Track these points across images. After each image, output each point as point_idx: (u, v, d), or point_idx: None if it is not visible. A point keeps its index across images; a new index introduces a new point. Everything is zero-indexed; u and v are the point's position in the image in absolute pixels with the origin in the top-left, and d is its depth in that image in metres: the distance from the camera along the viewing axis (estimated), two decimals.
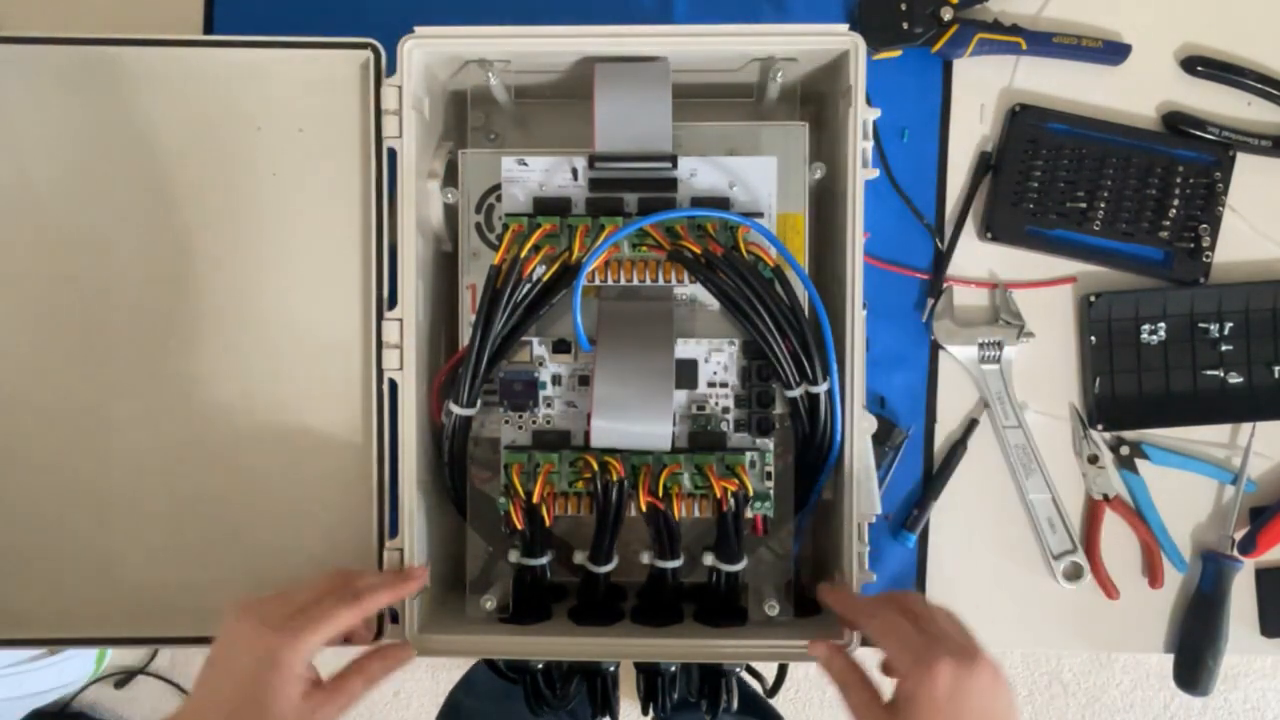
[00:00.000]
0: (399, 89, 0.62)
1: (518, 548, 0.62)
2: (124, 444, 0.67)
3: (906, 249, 0.78)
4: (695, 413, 0.64)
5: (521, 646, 0.61)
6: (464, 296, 0.66)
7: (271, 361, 0.67)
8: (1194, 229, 0.76)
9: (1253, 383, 0.77)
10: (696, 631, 0.62)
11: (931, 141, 0.78)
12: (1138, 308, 0.77)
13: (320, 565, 0.66)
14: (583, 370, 0.64)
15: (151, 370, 0.67)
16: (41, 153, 0.66)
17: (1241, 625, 0.77)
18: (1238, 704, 1.55)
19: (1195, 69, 0.77)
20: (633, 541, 0.65)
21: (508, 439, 0.64)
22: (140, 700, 1.52)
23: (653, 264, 0.62)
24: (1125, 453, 0.77)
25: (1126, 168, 0.76)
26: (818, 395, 0.60)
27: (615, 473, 0.60)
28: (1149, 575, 0.77)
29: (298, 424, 0.67)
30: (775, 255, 0.61)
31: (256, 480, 0.67)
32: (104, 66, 0.65)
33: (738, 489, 0.60)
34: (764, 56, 0.64)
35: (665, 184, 0.62)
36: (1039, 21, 0.78)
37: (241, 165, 0.66)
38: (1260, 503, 0.78)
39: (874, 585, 0.76)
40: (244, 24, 0.78)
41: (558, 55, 0.64)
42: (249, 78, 0.66)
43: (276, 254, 0.67)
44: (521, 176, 0.63)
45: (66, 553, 0.67)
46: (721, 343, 0.63)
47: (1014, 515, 0.78)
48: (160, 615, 0.66)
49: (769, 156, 0.63)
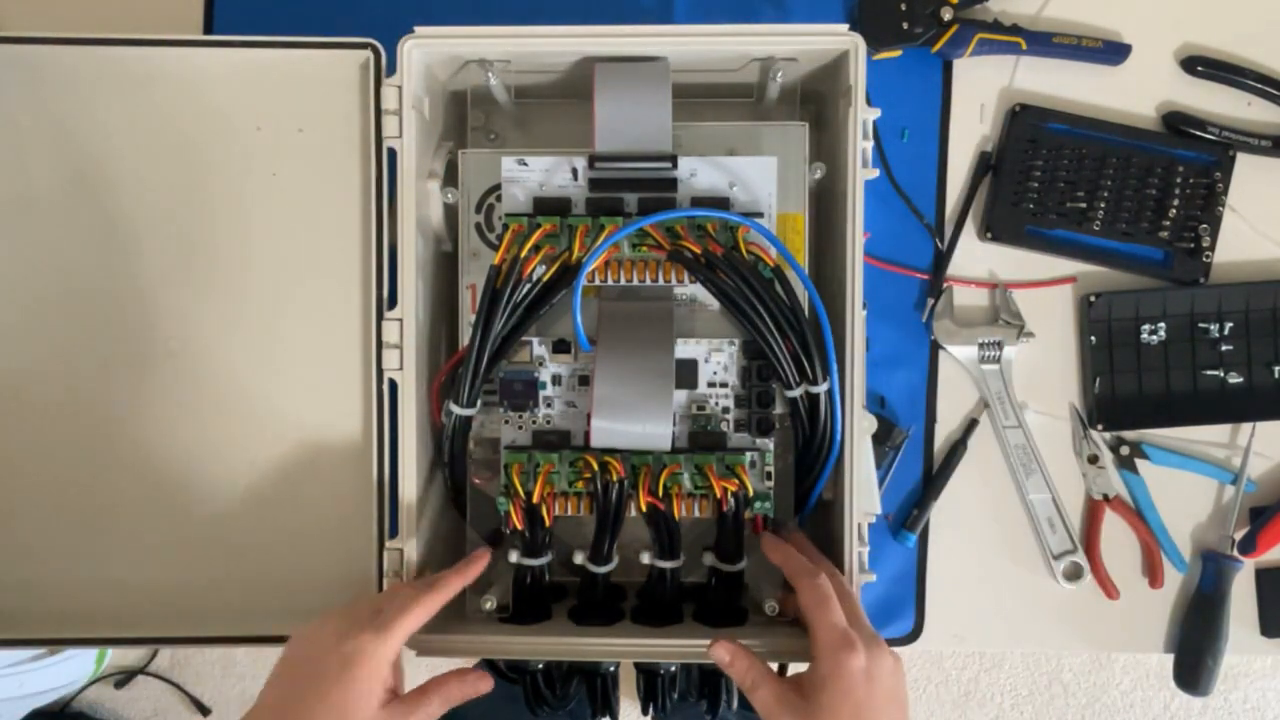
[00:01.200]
0: (399, 89, 0.62)
1: (518, 548, 0.62)
2: (124, 444, 0.67)
3: (906, 249, 0.78)
4: (695, 413, 0.64)
5: (521, 646, 0.61)
6: (464, 296, 0.66)
7: (271, 361, 0.67)
8: (1194, 229, 0.76)
9: (1253, 383, 0.77)
10: (696, 631, 0.62)
11: (931, 141, 0.78)
12: (1138, 308, 0.77)
13: (320, 565, 0.66)
14: (583, 370, 0.64)
15: (151, 369, 0.67)
16: (42, 153, 0.66)
17: (1241, 625, 0.77)
18: (1238, 704, 1.55)
19: (1195, 69, 0.77)
20: (633, 541, 0.65)
21: (508, 439, 0.64)
22: (140, 700, 1.52)
23: (653, 264, 0.62)
24: (1125, 453, 0.77)
25: (1126, 168, 0.76)
26: (818, 395, 0.60)
27: (615, 473, 0.60)
28: (1149, 575, 0.77)
29: (297, 424, 0.67)
30: (775, 255, 0.61)
31: (256, 480, 0.67)
32: (104, 66, 0.66)
33: (738, 489, 0.60)
34: (764, 56, 0.64)
35: (665, 184, 0.62)
36: (1039, 21, 0.78)
37: (241, 165, 0.66)
38: (1260, 503, 0.78)
39: (874, 585, 0.76)
40: (244, 24, 0.78)
41: (558, 55, 0.64)
42: (249, 78, 0.66)
43: (276, 254, 0.67)
44: (521, 176, 0.63)
45: (66, 553, 0.67)
46: (721, 343, 0.63)
47: (1014, 515, 0.78)
48: (160, 615, 0.66)
49: (769, 156, 0.63)
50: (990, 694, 1.55)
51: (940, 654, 1.55)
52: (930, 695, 1.55)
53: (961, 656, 1.55)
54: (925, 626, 0.78)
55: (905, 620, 0.78)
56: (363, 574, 0.65)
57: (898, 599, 0.78)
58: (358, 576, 0.65)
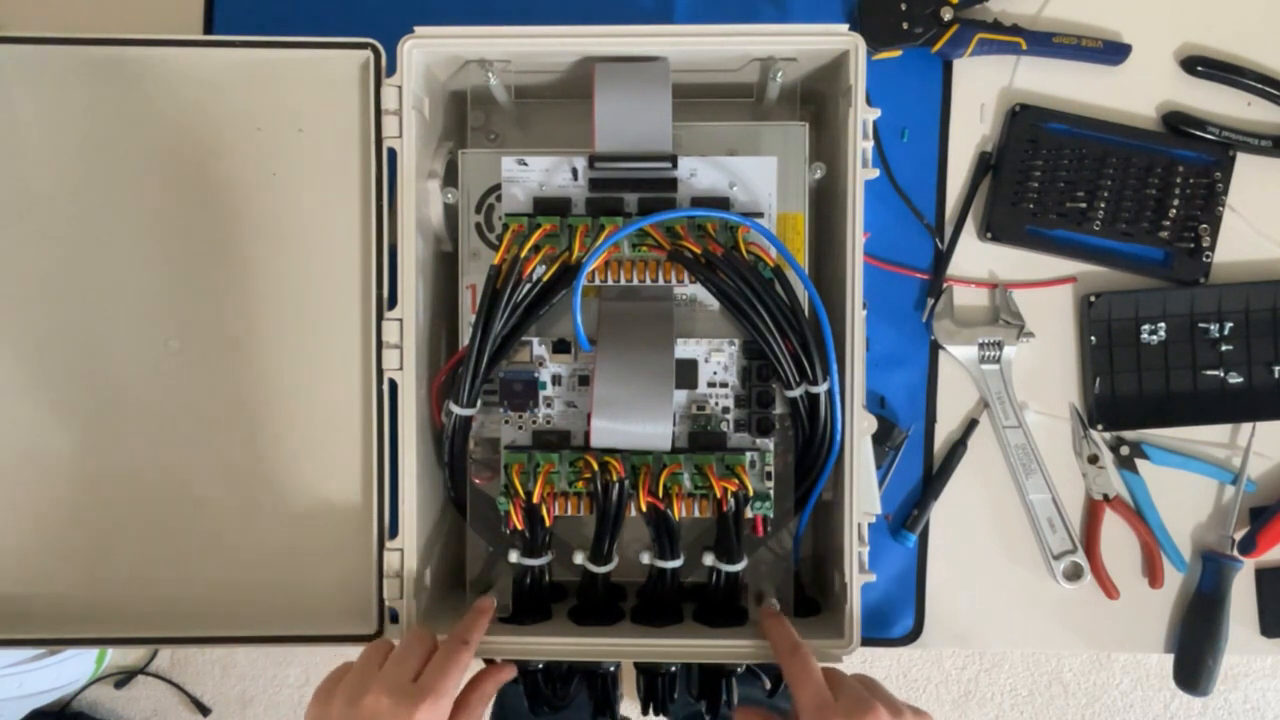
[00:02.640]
0: (399, 89, 0.62)
1: (518, 548, 0.62)
2: (123, 444, 0.67)
3: (906, 249, 0.78)
4: (695, 413, 0.64)
5: (521, 647, 0.61)
6: (464, 296, 0.66)
7: (271, 361, 0.67)
8: (1194, 229, 0.76)
9: (1253, 383, 0.77)
10: (696, 631, 0.62)
11: (931, 141, 0.78)
12: (1138, 308, 0.77)
13: (320, 565, 0.66)
14: (583, 370, 0.64)
15: (150, 369, 0.67)
16: (42, 153, 0.66)
17: (1241, 625, 0.77)
18: (1238, 704, 1.55)
19: (1195, 69, 0.77)
20: (633, 541, 0.65)
21: (508, 439, 0.64)
22: (140, 700, 1.53)
23: (653, 264, 0.62)
24: (1125, 453, 0.77)
25: (1126, 168, 0.76)
26: (818, 395, 0.61)
27: (615, 473, 0.60)
28: (1149, 575, 0.77)
29: (297, 424, 0.67)
30: (775, 255, 0.61)
31: (256, 480, 0.67)
32: (104, 66, 0.66)
33: (738, 489, 0.60)
34: (764, 56, 0.64)
35: (665, 184, 0.62)
36: (1039, 21, 0.78)
37: (241, 165, 0.66)
38: (1260, 503, 0.78)
39: (874, 585, 0.76)
40: (244, 24, 0.78)
41: (558, 55, 0.64)
42: (249, 78, 0.66)
43: (276, 254, 0.67)
44: (521, 176, 0.63)
45: (66, 553, 0.67)
46: (721, 343, 0.63)
47: (1014, 515, 0.78)
48: (160, 615, 0.66)
49: (769, 156, 0.63)
50: (990, 694, 1.55)
51: (940, 654, 1.55)
52: (930, 695, 1.55)
53: (961, 656, 1.55)
54: (925, 626, 0.78)
55: (905, 620, 0.78)
56: (363, 574, 0.65)
57: (898, 599, 0.78)
58: (358, 577, 0.65)
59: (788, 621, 0.60)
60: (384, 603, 0.63)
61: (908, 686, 1.55)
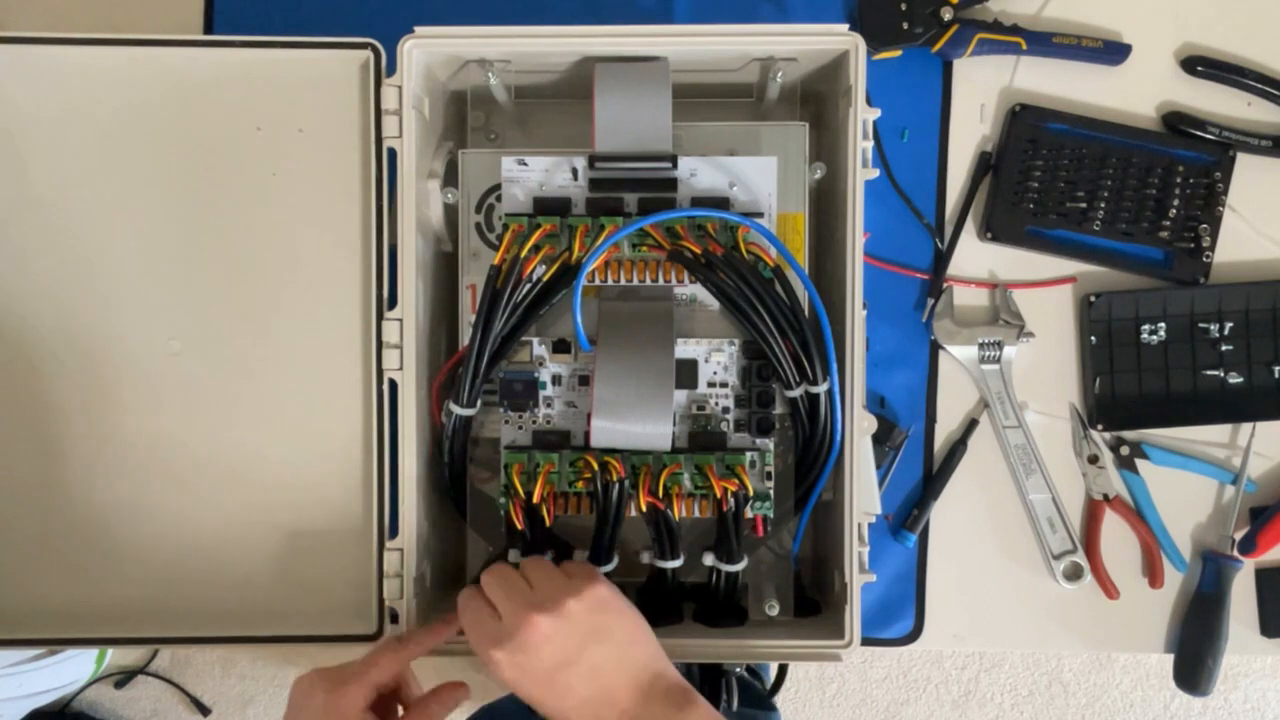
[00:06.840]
0: (399, 89, 0.62)
1: (518, 548, 0.62)
2: (124, 444, 0.67)
3: (906, 249, 0.78)
4: (695, 413, 0.64)
5: None
6: (464, 296, 0.66)
7: (271, 361, 0.67)
8: (1194, 229, 0.76)
9: (1253, 383, 0.77)
10: (696, 631, 0.62)
11: (931, 141, 0.78)
12: (1138, 308, 0.77)
13: (320, 565, 0.66)
14: (583, 370, 0.64)
15: (150, 368, 0.67)
16: (42, 153, 0.66)
17: (1241, 625, 0.77)
18: (1238, 704, 1.55)
19: (1195, 69, 0.77)
20: (633, 541, 0.65)
21: (508, 439, 0.64)
22: (140, 700, 1.52)
23: (653, 264, 0.62)
24: (1125, 453, 0.77)
25: (1126, 168, 0.76)
26: (818, 395, 0.60)
27: (615, 473, 0.60)
28: (1149, 575, 0.77)
29: (298, 424, 0.67)
30: (775, 255, 0.61)
31: (256, 480, 0.67)
32: (104, 66, 0.65)
33: (738, 489, 0.60)
34: (764, 56, 0.64)
35: (665, 184, 0.62)
36: (1039, 21, 0.78)
37: (241, 165, 0.66)
38: (1260, 503, 0.78)
39: (874, 585, 0.76)
40: (244, 24, 0.78)
41: (558, 55, 0.64)
42: (249, 78, 0.66)
43: (276, 254, 0.67)
44: (521, 176, 0.63)
45: (67, 553, 0.67)
46: (721, 343, 0.63)
47: (1014, 515, 0.78)
48: (160, 615, 0.66)
49: (769, 156, 0.63)
50: (990, 694, 1.55)
51: (940, 654, 1.55)
52: (930, 695, 1.55)
53: (961, 656, 1.55)
54: (925, 626, 0.78)
55: (905, 620, 0.78)
56: (363, 574, 0.65)
57: (898, 599, 0.78)
58: (358, 577, 0.65)
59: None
60: (384, 603, 0.63)
61: (908, 686, 1.55)
